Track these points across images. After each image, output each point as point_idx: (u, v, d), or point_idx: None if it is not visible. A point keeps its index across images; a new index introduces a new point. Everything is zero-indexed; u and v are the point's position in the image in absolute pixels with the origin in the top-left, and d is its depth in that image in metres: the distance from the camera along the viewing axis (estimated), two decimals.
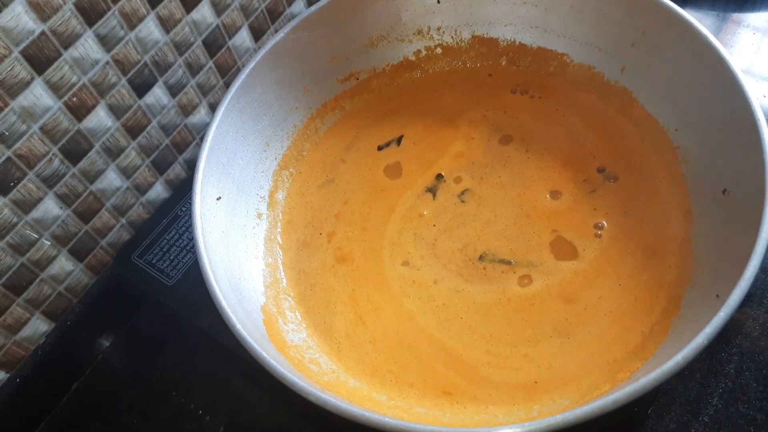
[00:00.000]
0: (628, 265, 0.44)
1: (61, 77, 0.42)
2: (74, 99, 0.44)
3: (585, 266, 0.45)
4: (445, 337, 0.43)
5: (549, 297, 0.44)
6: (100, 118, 0.46)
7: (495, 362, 0.42)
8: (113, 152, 0.49)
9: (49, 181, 0.45)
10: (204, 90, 0.54)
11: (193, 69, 0.52)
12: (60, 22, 0.40)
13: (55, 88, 0.42)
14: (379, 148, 0.53)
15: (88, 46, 0.43)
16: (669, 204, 0.46)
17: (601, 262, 0.45)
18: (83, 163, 0.46)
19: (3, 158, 0.41)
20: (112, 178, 0.49)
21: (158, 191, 0.54)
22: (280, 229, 0.50)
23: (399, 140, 0.53)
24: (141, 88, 0.48)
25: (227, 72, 0.56)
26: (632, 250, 0.45)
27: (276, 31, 0.57)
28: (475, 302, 0.44)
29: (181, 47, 0.50)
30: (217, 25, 0.52)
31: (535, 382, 0.40)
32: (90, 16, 0.42)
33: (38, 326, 0.48)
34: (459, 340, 0.43)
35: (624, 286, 0.43)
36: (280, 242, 0.50)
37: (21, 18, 0.38)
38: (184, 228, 0.52)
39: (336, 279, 0.47)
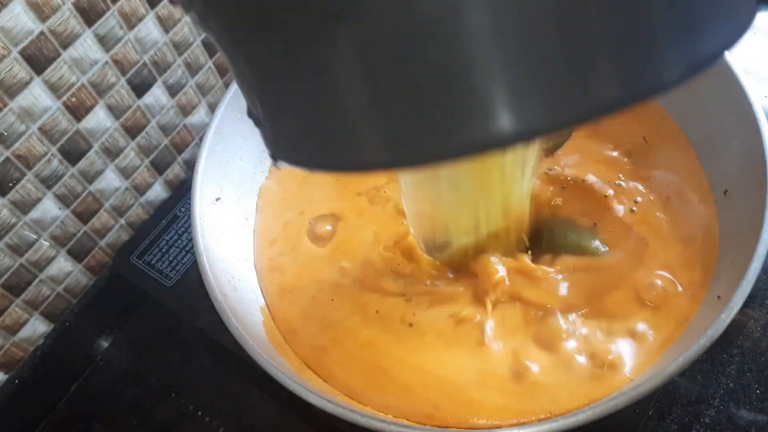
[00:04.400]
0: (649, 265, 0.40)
1: (60, 77, 0.42)
2: (73, 99, 0.43)
3: (607, 262, 0.41)
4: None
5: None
6: (99, 118, 0.46)
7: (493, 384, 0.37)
8: (112, 152, 0.48)
9: (48, 182, 0.44)
10: (203, 90, 0.54)
11: (193, 69, 0.52)
12: (59, 22, 0.40)
13: (54, 88, 0.42)
14: None
15: (87, 46, 0.43)
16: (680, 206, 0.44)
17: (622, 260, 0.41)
18: (82, 164, 0.46)
19: (2, 158, 0.41)
20: (111, 179, 0.49)
21: (157, 191, 0.54)
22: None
23: None
24: (140, 88, 0.48)
25: (227, 72, 0.55)
26: (659, 249, 0.41)
27: None
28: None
29: (180, 47, 0.50)
30: None
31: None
32: (89, 15, 0.42)
33: (37, 327, 0.48)
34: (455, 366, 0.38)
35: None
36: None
37: (20, 18, 0.38)
38: (183, 228, 0.52)
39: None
